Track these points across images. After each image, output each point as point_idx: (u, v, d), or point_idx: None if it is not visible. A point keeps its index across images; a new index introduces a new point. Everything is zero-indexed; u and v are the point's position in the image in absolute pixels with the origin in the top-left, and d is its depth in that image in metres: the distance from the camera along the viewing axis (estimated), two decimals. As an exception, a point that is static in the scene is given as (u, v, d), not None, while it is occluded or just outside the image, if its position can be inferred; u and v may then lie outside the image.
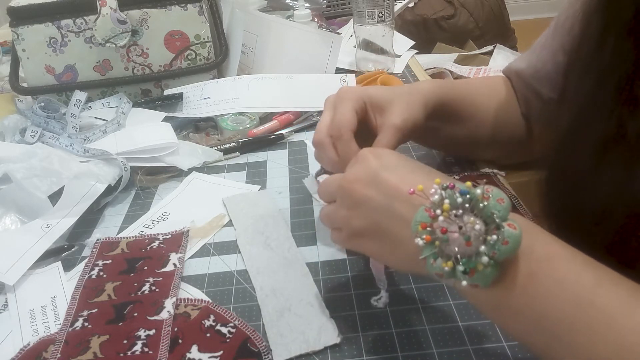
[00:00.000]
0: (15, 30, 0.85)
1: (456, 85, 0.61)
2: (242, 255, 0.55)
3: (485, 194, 0.34)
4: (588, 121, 0.44)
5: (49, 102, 0.82)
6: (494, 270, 0.33)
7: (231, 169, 0.72)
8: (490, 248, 0.33)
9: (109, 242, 0.58)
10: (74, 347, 0.45)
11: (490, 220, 0.33)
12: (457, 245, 0.33)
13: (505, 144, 0.65)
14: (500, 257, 0.33)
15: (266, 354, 0.43)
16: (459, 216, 0.34)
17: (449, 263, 0.33)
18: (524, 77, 0.62)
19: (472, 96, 0.61)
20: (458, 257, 0.33)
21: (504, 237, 0.32)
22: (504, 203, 0.34)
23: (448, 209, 0.34)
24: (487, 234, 0.33)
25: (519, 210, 0.57)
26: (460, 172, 0.64)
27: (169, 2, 0.85)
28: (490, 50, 1.59)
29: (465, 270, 0.33)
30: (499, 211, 0.33)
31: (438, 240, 0.34)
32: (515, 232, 0.33)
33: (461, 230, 0.33)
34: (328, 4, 1.29)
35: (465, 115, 0.60)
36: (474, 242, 0.33)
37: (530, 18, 3.07)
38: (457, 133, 0.62)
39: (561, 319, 0.32)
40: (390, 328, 0.45)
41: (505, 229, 0.33)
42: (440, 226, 0.34)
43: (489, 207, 0.34)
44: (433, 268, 0.34)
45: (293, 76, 0.87)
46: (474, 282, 0.33)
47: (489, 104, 0.63)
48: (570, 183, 0.46)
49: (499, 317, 0.36)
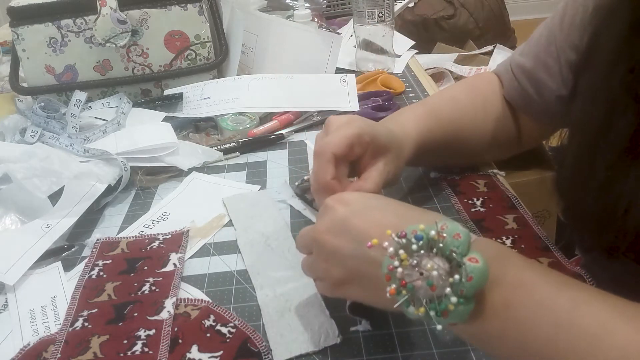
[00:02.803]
0: (15, 30, 0.85)
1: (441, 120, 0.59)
2: (242, 255, 0.55)
3: (441, 232, 0.34)
4: (615, 117, 0.44)
5: (49, 102, 0.82)
6: (466, 305, 0.33)
7: (231, 169, 0.72)
8: (456, 287, 0.32)
9: (109, 242, 0.58)
10: (74, 347, 0.45)
11: (451, 258, 0.33)
12: (423, 292, 0.33)
13: (501, 146, 0.65)
14: (468, 293, 0.32)
15: (266, 354, 0.43)
16: (417, 263, 0.34)
17: (421, 309, 0.33)
18: (531, 73, 0.60)
19: (460, 123, 0.60)
20: (428, 301, 0.33)
21: (467, 273, 0.32)
22: (462, 237, 0.34)
23: (405, 257, 0.34)
24: (450, 274, 0.33)
25: (519, 211, 0.57)
26: (460, 173, 0.64)
27: (169, 2, 0.85)
28: (490, 50, 1.59)
29: (437, 313, 0.33)
30: (458, 247, 0.33)
31: (405, 289, 0.34)
32: (478, 266, 0.32)
33: (423, 277, 0.33)
34: (328, 4, 1.28)
35: (455, 144, 0.60)
36: (438, 285, 0.33)
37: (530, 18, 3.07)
38: (450, 157, 0.63)
39: (544, 343, 0.32)
40: (390, 328, 0.45)
41: (466, 265, 0.33)
42: (400, 277, 0.34)
43: (447, 245, 0.33)
44: (409, 314, 0.34)
45: (293, 76, 0.87)
46: (451, 322, 0.33)
47: (480, 121, 0.62)
48: (594, 179, 0.45)
49: (483, 346, 0.36)
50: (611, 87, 0.44)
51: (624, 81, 0.43)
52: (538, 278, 0.34)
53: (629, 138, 0.42)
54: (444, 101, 0.63)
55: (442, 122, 0.59)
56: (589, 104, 0.48)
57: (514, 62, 0.63)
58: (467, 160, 0.65)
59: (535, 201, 0.64)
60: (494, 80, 0.65)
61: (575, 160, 0.49)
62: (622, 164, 0.43)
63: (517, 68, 0.62)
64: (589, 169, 0.46)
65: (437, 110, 0.60)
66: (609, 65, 0.45)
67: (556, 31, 0.58)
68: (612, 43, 0.45)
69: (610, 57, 0.46)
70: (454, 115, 0.61)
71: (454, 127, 0.60)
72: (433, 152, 0.58)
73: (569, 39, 0.56)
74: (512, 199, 0.59)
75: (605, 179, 0.44)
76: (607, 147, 0.44)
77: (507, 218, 0.56)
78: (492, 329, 0.34)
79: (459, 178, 0.63)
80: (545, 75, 0.59)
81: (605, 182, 0.44)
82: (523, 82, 0.61)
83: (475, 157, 0.65)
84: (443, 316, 0.33)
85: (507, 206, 0.58)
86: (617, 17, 0.45)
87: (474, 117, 0.62)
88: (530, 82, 0.61)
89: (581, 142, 0.49)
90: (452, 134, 0.59)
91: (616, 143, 0.43)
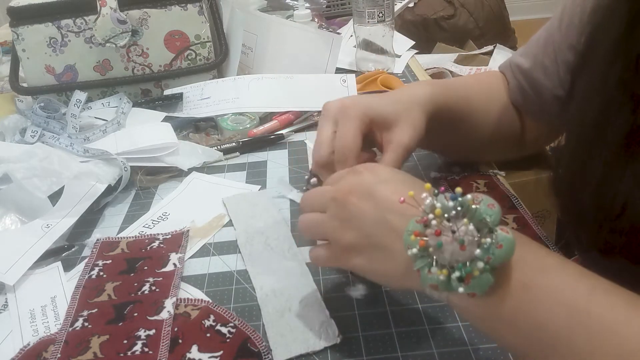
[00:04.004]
0: (15, 30, 0.85)
1: (453, 90, 0.59)
2: (242, 255, 0.55)
3: (476, 200, 0.33)
4: (611, 115, 0.44)
5: (49, 102, 0.82)
6: (489, 276, 0.32)
7: (231, 169, 0.72)
8: (484, 252, 0.32)
9: (109, 242, 0.58)
10: (74, 347, 0.45)
11: (482, 225, 0.33)
12: (451, 250, 0.33)
13: (503, 144, 0.65)
14: (495, 261, 0.32)
15: (266, 354, 0.43)
16: (451, 220, 0.33)
17: (444, 271, 0.33)
18: (528, 74, 0.61)
19: (470, 101, 0.60)
20: (453, 265, 0.33)
21: (498, 241, 0.32)
22: (495, 208, 0.33)
23: (440, 213, 0.33)
24: (481, 237, 0.33)
25: (519, 211, 0.57)
26: (460, 173, 0.64)
27: (169, 2, 0.85)
28: (490, 50, 1.59)
29: (461, 276, 0.32)
30: (491, 216, 0.33)
31: (432, 247, 0.33)
32: (508, 236, 0.32)
33: (454, 235, 0.33)
34: (328, 4, 1.28)
35: (464, 120, 0.59)
36: (468, 246, 0.32)
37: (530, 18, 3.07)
38: (456, 137, 0.61)
39: (557, 330, 0.32)
40: (390, 328, 0.45)
41: (498, 233, 0.32)
42: (434, 229, 0.33)
43: (481, 211, 0.33)
44: (428, 279, 0.34)
45: (293, 76, 0.87)
46: (470, 291, 0.33)
47: (488, 108, 0.62)
48: (590, 179, 0.45)
49: (494, 329, 0.35)
50: (607, 86, 0.44)
51: (620, 80, 0.43)
52: (557, 265, 0.34)
53: (624, 136, 0.42)
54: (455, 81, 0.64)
55: (454, 94, 0.58)
56: (585, 103, 0.48)
57: (513, 62, 0.64)
58: (469, 152, 0.65)
59: (535, 201, 0.64)
60: (500, 76, 0.66)
61: (572, 159, 0.49)
62: (617, 163, 0.43)
63: (516, 68, 0.63)
64: (585, 168, 0.46)
65: (449, 83, 0.61)
66: (606, 64, 0.45)
67: (554, 32, 0.59)
68: (609, 42, 0.45)
69: (607, 55, 0.46)
70: (466, 93, 0.61)
71: (465, 102, 0.59)
72: (443, 122, 0.56)
73: (566, 40, 0.57)
74: (512, 199, 0.59)
75: (601, 178, 0.44)
76: (602, 146, 0.44)
77: (507, 218, 0.56)
78: (506, 310, 0.33)
79: (459, 178, 0.63)
80: (541, 75, 0.60)
81: (601, 181, 0.44)
82: (521, 81, 0.62)
83: (479, 148, 0.65)
84: (465, 281, 0.32)
85: (507, 206, 0.58)
86: (615, 16, 0.45)
87: (483, 101, 0.62)
88: (528, 82, 0.62)
89: (577, 141, 0.49)
90: (463, 109, 0.59)
91: (612, 142, 0.43)
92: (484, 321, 0.36)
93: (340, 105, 0.50)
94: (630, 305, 0.31)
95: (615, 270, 0.46)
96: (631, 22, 0.43)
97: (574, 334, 0.31)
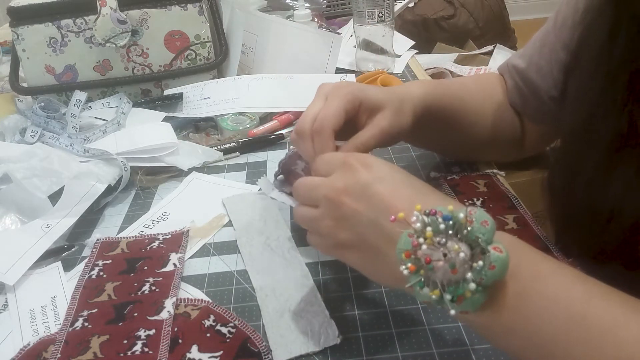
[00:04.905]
0: (15, 30, 0.85)
1: (448, 90, 0.59)
2: (242, 255, 0.55)
3: (469, 217, 0.33)
4: (598, 119, 0.44)
5: (49, 102, 0.82)
6: (481, 295, 0.32)
7: (231, 169, 0.72)
8: (476, 274, 0.32)
9: (109, 242, 0.58)
10: (74, 347, 0.45)
11: (475, 245, 0.32)
12: (442, 273, 0.32)
13: (502, 145, 0.65)
14: (487, 282, 0.32)
15: (266, 354, 0.43)
16: (442, 243, 0.33)
17: (436, 291, 0.33)
18: (524, 74, 0.62)
19: (465, 101, 0.60)
20: (444, 284, 0.32)
21: (491, 262, 0.32)
22: (488, 225, 0.33)
23: (431, 236, 0.33)
24: (472, 259, 0.32)
25: (519, 211, 0.57)
26: (460, 173, 0.64)
27: (169, 2, 0.85)
28: (490, 50, 1.59)
29: (453, 298, 0.32)
30: (484, 234, 0.32)
31: (423, 269, 0.33)
32: (501, 256, 0.32)
33: (446, 258, 0.32)
34: (328, 4, 1.28)
35: (458, 120, 0.59)
36: (460, 269, 0.32)
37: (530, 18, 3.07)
38: (452, 137, 0.62)
39: (555, 335, 0.32)
40: (390, 328, 0.45)
41: (491, 253, 0.32)
42: (424, 255, 0.32)
43: (474, 231, 0.32)
44: (420, 296, 0.34)
45: (293, 76, 0.87)
46: (463, 309, 0.33)
47: (485, 108, 0.62)
48: (580, 182, 0.45)
49: (491, 337, 0.36)
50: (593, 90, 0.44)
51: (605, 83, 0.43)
52: (552, 270, 0.34)
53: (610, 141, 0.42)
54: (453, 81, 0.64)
55: (449, 93, 0.58)
56: (576, 104, 0.48)
57: (510, 63, 0.65)
58: (467, 152, 0.65)
59: (535, 201, 0.63)
60: (498, 77, 0.67)
61: (564, 161, 0.49)
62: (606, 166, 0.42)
63: (513, 69, 0.64)
64: (575, 171, 0.46)
65: (446, 83, 0.60)
66: (593, 66, 0.45)
67: (550, 33, 0.59)
68: (596, 45, 0.45)
69: (592, 59, 0.46)
70: (461, 93, 0.61)
71: (459, 103, 0.59)
72: (436, 122, 0.56)
73: (560, 40, 0.57)
74: (512, 199, 0.59)
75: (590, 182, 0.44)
76: (592, 149, 0.44)
77: (507, 218, 0.56)
78: (504, 320, 0.33)
79: (459, 178, 0.63)
80: (536, 76, 0.60)
81: (590, 184, 0.44)
82: (518, 82, 0.63)
83: (477, 149, 0.65)
84: (457, 302, 0.32)
85: (507, 206, 0.58)
86: (604, 17, 0.45)
87: (479, 101, 0.62)
88: (524, 82, 0.62)
89: (569, 142, 0.49)
90: (457, 109, 0.59)
91: (600, 145, 0.43)
92: (481, 330, 0.36)
93: (334, 85, 0.51)
94: (626, 309, 0.31)
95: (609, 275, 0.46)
96: (613, 29, 0.43)
97: (571, 339, 0.31)
